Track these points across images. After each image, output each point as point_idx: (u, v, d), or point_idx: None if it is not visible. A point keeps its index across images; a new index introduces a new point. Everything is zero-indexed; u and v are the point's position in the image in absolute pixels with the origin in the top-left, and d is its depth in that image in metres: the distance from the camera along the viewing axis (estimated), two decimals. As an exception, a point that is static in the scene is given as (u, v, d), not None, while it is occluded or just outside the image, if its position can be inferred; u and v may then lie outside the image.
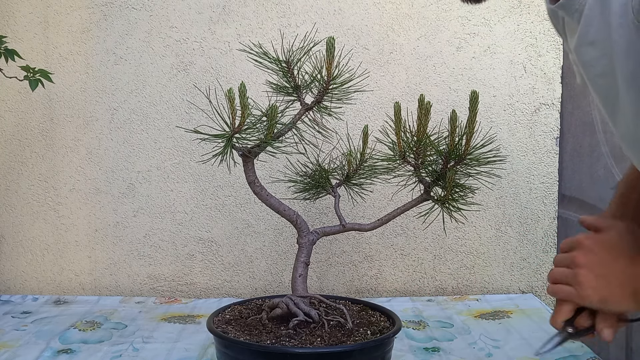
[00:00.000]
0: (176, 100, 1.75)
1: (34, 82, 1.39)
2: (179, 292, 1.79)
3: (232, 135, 1.08)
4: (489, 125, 1.72)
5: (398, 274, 1.79)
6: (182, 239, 1.78)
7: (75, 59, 1.74)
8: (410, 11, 1.73)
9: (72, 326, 1.50)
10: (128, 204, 1.77)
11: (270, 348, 1.07)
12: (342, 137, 1.28)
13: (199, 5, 1.73)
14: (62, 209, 1.78)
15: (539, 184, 1.78)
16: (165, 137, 1.75)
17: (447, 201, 1.15)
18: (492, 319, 1.56)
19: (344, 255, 1.79)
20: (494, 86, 1.75)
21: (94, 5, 1.73)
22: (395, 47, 1.74)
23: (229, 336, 1.11)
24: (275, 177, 1.53)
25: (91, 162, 1.77)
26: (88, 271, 1.79)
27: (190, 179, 1.77)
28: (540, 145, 1.77)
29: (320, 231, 1.22)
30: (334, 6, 1.72)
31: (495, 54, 1.74)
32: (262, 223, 1.77)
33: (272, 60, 1.14)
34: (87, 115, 1.76)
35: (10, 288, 1.80)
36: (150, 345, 1.39)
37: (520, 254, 1.80)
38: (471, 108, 1.10)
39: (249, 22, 1.73)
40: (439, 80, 1.75)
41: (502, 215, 1.78)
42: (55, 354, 1.34)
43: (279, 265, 1.79)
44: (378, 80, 1.73)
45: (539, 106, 1.76)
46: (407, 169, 1.18)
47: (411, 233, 1.78)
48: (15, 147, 1.77)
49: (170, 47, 1.74)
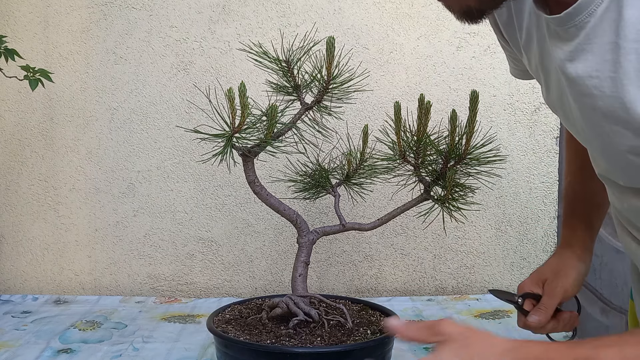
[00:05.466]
0: (176, 100, 1.75)
1: (33, 82, 1.39)
2: (179, 292, 1.79)
3: (232, 134, 1.08)
4: (489, 124, 1.72)
5: (398, 274, 1.79)
6: (182, 239, 1.78)
7: (75, 59, 1.74)
8: (410, 11, 1.73)
9: (72, 326, 1.50)
10: (128, 203, 1.77)
11: (270, 347, 1.07)
12: (342, 137, 1.28)
13: (198, 4, 1.73)
14: (62, 208, 1.78)
15: (539, 183, 1.78)
16: (165, 137, 1.75)
17: (447, 201, 1.15)
18: (492, 319, 1.56)
19: (344, 254, 1.78)
20: (494, 86, 1.75)
21: (94, 4, 1.73)
22: (395, 46, 1.74)
23: (229, 336, 1.11)
24: (275, 177, 1.53)
25: (91, 162, 1.77)
26: (88, 271, 1.79)
27: (190, 179, 1.77)
28: (540, 145, 1.77)
29: (320, 231, 1.22)
30: (333, 6, 1.72)
31: (495, 53, 1.74)
32: (262, 223, 1.77)
33: (272, 60, 1.13)
34: (87, 115, 1.76)
35: (10, 288, 1.80)
36: (150, 344, 1.39)
37: (520, 254, 1.79)
38: (471, 107, 1.10)
39: (249, 22, 1.73)
40: (439, 79, 1.75)
41: (502, 214, 1.78)
42: (55, 354, 1.34)
43: (279, 264, 1.79)
44: (378, 79, 1.73)
45: (539, 106, 1.76)
46: (407, 169, 1.18)
47: (411, 233, 1.78)
48: (15, 147, 1.77)
49: (170, 47, 1.74)
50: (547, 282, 1.08)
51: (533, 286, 1.08)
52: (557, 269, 1.09)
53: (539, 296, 1.06)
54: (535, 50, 0.89)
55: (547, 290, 1.06)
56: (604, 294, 1.56)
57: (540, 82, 0.93)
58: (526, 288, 1.08)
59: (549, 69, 0.86)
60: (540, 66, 0.89)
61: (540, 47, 0.87)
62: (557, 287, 1.06)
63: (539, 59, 0.88)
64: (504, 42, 1.01)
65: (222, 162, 1.08)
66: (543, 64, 0.88)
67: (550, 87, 0.88)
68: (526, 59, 0.94)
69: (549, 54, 0.84)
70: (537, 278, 1.09)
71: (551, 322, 1.05)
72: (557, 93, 0.86)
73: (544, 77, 0.89)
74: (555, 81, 0.85)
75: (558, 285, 1.06)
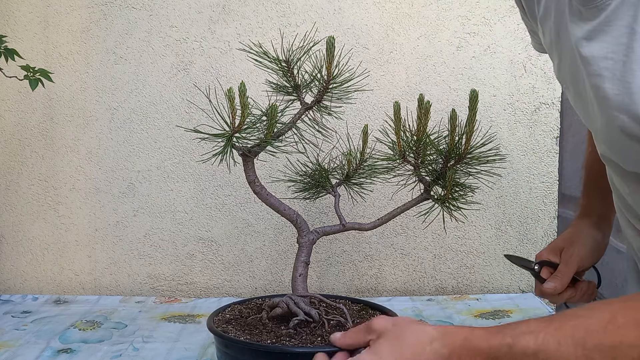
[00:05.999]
0: (176, 100, 1.75)
1: (34, 82, 1.39)
2: (179, 292, 1.79)
3: (232, 134, 1.08)
4: (489, 124, 1.72)
5: (398, 274, 1.79)
6: (182, 239, 1.78)
7: (75, 59, 1.74)
8: (410, 10, 1.73)
9: (72, 326, 1.50)
10: (128, 203, 1.77)
11: (270, 347, 1.07)
12: (341, 137, 1.28)
13: (198, 4, 1.73)
14: (62, 208, 1.78)
15: (539, 183, 1.78)
16: (165, 137, 1.75)
17: (448, 200, 1.15)
18: (492, 319, 1.56)
19: (344, 254, 1.78)
20: (494, 85, 1.75)
21: (94, 4, 1.73)
22: (395, 46, 1.74)
23: (229, 336, 1.11)
24: (275, 177, 1.53)
25: (91, 162, 1.77)
26: (88, 271, 1.79)
27: (190, 179, 1.77)
28: (540, 145, 1.77)
29: (320, 230, 1.22)
30: (333, 5, 1.72)
31: (495, 53, 1.74)
32: (262, 222, 1.77)
33: (272, 60, 1.13)
34: (87, 114, 1.76)
35: (10, 288, 1.80)
36: (150, 344, 1.39)
37: (520, 254, 1.79)
38: (471, 107, 1.10)
39: (249, 22, 1.73)
40: (439, 79, 1.75)
41: (502, 214, 1.78)
42: (55, 354, 1.34)
43: (278, 264, 1.79)
44: (378, 79, 1.73)
45: (539, 105, 1.76)
46: (407, 169, 1.18)
47: (411, 232, 1.78)
48: (15, 147, 1.77)
49: (170, 47, 1.74)
50: (564, 250, 1.09)
51: (550, 255, 1.09)
52: (573, 238, 1.10)
53: (557, 264, 1.07)
54: (551, 25, 0.89)
55: (564, 258, 1.08)
56: (605, 294, 1.56)
57: (552, 58, 0.94)
58: (543, 257, 1.09)
59: (564, 45, 0.86)
60: (555, 41, 0.89)
61: (557, 22, 0.87)
62: (574, 255, 1.07)
63: (554, 35, 0.89)
64: (523, 14, 1.02)
65: (222, 162, 1.08)
66: (559, 40, 0.88)
67: (564, 63, 0.89)
68: (541, 32, 0.94)
69: (567, 30, 0.84)
70: (554, 247, 1.11)
71: (568, 291, 1.06)
72: (570, 69, 0.87)
73: (557, 52, 0.90)
74: (569, 58, 0.86)
75: (574, 253, 1.08)
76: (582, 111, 0.90)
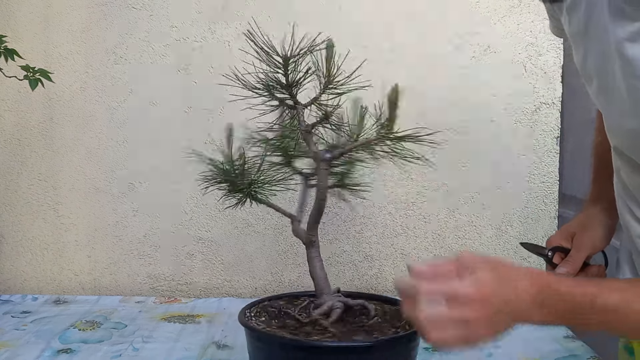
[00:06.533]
0: (176, 100, 1.74)
1: (33, 82, 1.39)
2: (179, 292, 1.79)
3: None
4: (489, 124, 1.72)
5: (398, 274, 1.79)
6: (182, 239, 1.78)
7: (75, 59, 1.74)
8: (410, 10, 1.73)
9: (72, 326, 1.50)
10: (128, 203, 1.77)
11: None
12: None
13: (198, 4, 1.72)
14: (62, 208, 1.78)
15: (540, 183, 1.77)
16: (165, 137, 1.75)
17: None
18: (492, 319, 1.55)
19: (344, 254, 1.78)
20: (494, 85, 1.75)
21: (94, 4, 1.73)
22: (395, 46, 1.74)
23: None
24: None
25: (91, 162, 1.77)
26: (88, 271, 1.79)
27: (190, 179, 1.76)
28: (540, 145, 1.76)
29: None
30: (333, 5, 1.72)
31: (495, 53, 1.74)
32: (262, 222, 1.77)
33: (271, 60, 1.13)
34: (86, 114, 1.76)
35: (10, 288, 1.80)
36: (150, 345, 1.39)
37: (520, 254, 1.79)
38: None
39: (249, 22, 1.72)
40: (439, 79, 1.74)
41: (502, 215, 1.78)
42: (55, 354, 1.34)
43: (279, 264, 1.79)
44: (378, 79, 1.73)
45: (539, 105, 1.75)
46: None
47: (411, 233, 1.78)
48: (15, 147, 1.77)
49: (170, 47, 1.74)
50: (575, 236, 1.10)
51: (562, 240, 1.11)
52: (584, 224, 1.12)
53: (568, 250, 1.10)
54: (580, 16, 0.89)
55: (576, 244, 1.10)
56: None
57: (576, 47, 0.93)
58: (555, 242, 1.11)
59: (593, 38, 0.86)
60: (582, 33, 0.89)
61: (587, 15, 0.87)
62: (585, 241, 1.09)
63: (582, 27, 0.88)
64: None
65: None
66: (587, 32, 0.88)
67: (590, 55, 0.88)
68: (567, 20, 0.94)
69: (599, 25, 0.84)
70: (565, 232, 1.13)
71: (579, 275, 1.08)
72: (597, 63, 0.87)
73: (584, 44, 0.89)
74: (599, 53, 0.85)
75: (586, 238, 1.09)
76: (604, 105, 0.90)
